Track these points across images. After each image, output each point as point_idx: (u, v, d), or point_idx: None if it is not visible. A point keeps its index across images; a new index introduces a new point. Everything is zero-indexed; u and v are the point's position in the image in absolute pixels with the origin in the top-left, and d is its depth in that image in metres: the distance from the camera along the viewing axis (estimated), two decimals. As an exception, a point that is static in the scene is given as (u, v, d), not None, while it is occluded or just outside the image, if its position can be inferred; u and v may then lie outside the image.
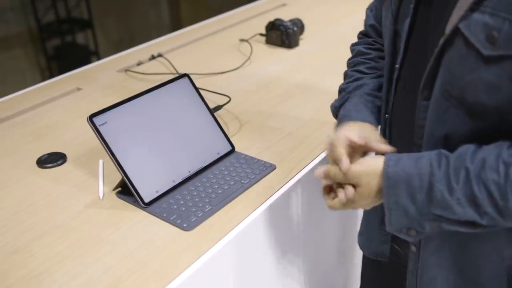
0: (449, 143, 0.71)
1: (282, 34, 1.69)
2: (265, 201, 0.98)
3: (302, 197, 1.07)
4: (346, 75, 1.01)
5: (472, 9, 0.63)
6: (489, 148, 0.66)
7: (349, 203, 0.76)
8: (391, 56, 0.83)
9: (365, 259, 1.11)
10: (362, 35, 1.04)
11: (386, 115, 0.86)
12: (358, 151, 0.79)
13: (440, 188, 0.66)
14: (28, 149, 1.18)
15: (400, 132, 0.84)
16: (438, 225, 0.69)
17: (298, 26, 1.72)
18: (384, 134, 0.88)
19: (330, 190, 0.80)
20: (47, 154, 1.15)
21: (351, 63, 1.01)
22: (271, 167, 1.06)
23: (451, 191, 0.65)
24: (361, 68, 0.97)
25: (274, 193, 1.00)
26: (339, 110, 0.96)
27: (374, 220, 0.97)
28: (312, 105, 1.31)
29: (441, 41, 0.67)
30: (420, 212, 0.68)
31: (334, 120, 1.02)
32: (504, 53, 0.62)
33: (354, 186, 0.74)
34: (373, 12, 1.01)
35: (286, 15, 1.87)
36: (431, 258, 0.80)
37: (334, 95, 1.12)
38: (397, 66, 0.80)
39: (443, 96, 0.69)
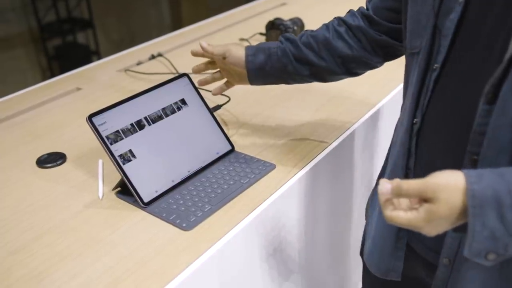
0: None
1: (282, 33, 1.68)
2: (265, 200, 0.97)
3: (301, 197, 1.07)
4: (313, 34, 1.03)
5: None
6: None
7: (419, 222, 0.63)
8: (428, 55, 0.76)
9: (369, 277, 1.03)
10: (360, 12, 1.01)
11: (415, 120, 0.79)
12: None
13: None
14: (28, 149, 1.18)
15: (437, 139, 0.77)
16: None
17: (298, 25, 1.71)
18: (410, 141, 0.81)
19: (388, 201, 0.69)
20: (47, 154, 1.15)
21: (330, 22, 1.04)
22: (271, 167, 1.06)
23: None
24: (320, 31, 1.02)
25: (274, 192, 1.00)
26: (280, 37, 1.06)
27: (388, 234, 0.90)
28: (312, 105, 1.31)
29: None
30: (509, 232, 0.60)
31: (333, 120, 1.02)
32: None
33: (426, 201, 0.63)
34: (371, 3, 0.99)
35: (286, 15, 1.87)
36: (468, 271, 0.74)
37: (335, 95, 1.12)
38: (436, 65, 0.74)
39: None
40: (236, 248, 0.92)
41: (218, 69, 1.12)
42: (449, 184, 0.61)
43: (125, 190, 0.97)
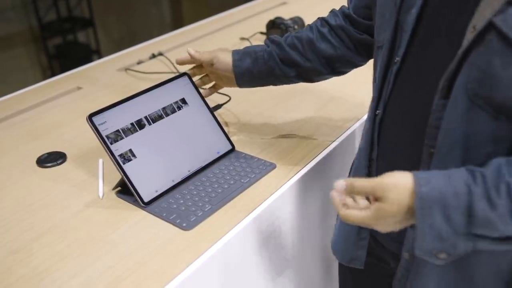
0: (468, 145, 0.67)
1: (283, 32, 1.68)
2: (265, 200, 0.97)
3: (302, 197, 1.07)
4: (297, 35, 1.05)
5: (510, 2, 0.59)
6: None
7: (369, 220, 0.67)
8: (390, 49, 0.78)
9: (342, 268, 1.08)
10: (341, 11, 1.03)
11: (377, 111, 0.81)
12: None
13: (480, 205, 0.61)
14: (28, 149, 1.18)
15: (396, 131, 0.79)
16: (473, 244, 0.64)
17: (298, 24, 1.71)
18: (372, 131, 0.83)
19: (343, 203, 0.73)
20: (47, 153, 1.15)
21: (313, 23, 1.05)
22: (271, 166, 1.06)
23: (493, 208, 0.61)
24: (304, 33, 1.03)
25: (274, 192, 0.99)
26: (266, 40, 1.08)
27: (353, 226, 0.92)
28: (312, 104, 1.31)
29: (471, 36, 0.63)
30: (456, 233, 0.63)
31: (333, 119, 1.02)
32: None
33: (378, 200, 0.67)
34: (352, 3, 1.00)
35: (286, 14, 1.86)
36: (427, 266, 0.76)
37: (335, 95, 1.12)
38: (397, 59, 0.76)
39: (466, 95, 0.65)
40: (237, 247, 0.92)
41: (206, 74, 1.15)
42: (398, 185, 0.65)
43: (126, 189, 0.97)
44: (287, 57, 1.04)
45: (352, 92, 1.35)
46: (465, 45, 0.64)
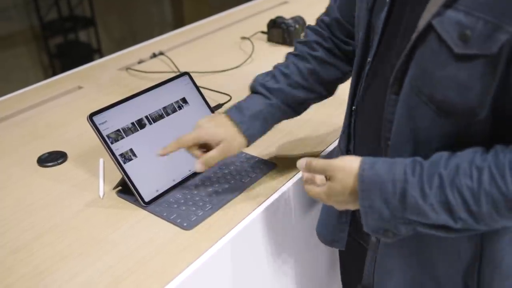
0: (417, 140, 0.71)
1: (284, 31, 1.68)
2: (266, 200, 0.97)
3: (302, 196, 1.07)
4: (286, 58, 1.00)
5: (446, 5, 0.63)
6: (463, 155, 0.66)
7: (323, 195, 0.77)
8: (363, 50, 0.81)
9: (341, 260, 1.13)
10: (324, 24, 0.99)
11: (353, 107, 0.85)
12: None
13: (413, 194, 0.66)
14: (29, 148, 1.18)
15: (367, 125, 0.83)
16: (413, 228, 0.70)
17: (299, 23, 1.71)
18: (349, 125, 0.88)
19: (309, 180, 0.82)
20: (48, 153, 1.15)
21: (298, 51, 0.99)
22: (272, 166, 1.06)
23: (424, 197, 0.66)
24: (301, 66, 0.97)
25: (275, 192, 0.99)
26: (257, 87, 0.97)
27: (333, 208, 0.91)
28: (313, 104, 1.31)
29: (414, 36, 0.66)
30: (394, 216, 0.69)
31: (333, 119, 1.02)
32: (476, 52, 0.61)
33: (329, 179, 0.75)
34: (338, 2, 0.97)
35: (287, 13, 1.86)
36: (391, 249, 0.81)
37: (335, 95, 1.12)
38: (369, 59, 0.79)
39: (413, 92, 0.68)
40: (237, 247, 0.92)
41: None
42: (346, 167, 0.73)
43: (126, 189, 0.97)
44: (293, 100, 0.98)
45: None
46: (409, 45, 0.67)
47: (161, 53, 1.67)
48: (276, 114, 0.97)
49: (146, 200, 0.95)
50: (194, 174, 1.03)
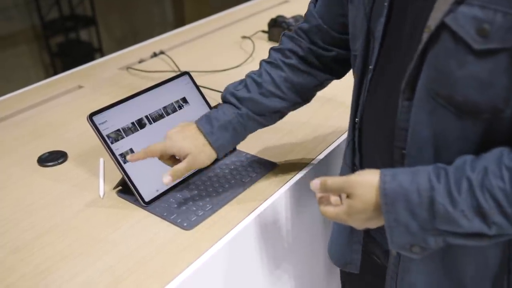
0: (437, 145, 0.68)
1: (284, 31, 1.68)
2: (266, 199, 0.97)
3: (303, 195, 1.07)
4: (260, 66, 0.97)
5: (458, 2, 0.60)
6: (488, 156, 0.63)
7: (343, 215, 0.70)
8: (364, 57, 0.79)
9: (342, 274, 1.08)
10: (302, 31, 0.96)
11: (356, 119, 0.82)
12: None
13: (442, 202, 0.62)
14: (29, 148, 1.18)
15: (373, 136, 0.80)
16: (443, 239, 0.65)
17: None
18: (353, 139, 0.85)
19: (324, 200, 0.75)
20: (48, 152, 1.15)
21: (271, 58, 0.97)
22: (272, 166, 1.06)
23: (454, 204, 0.62)
24: (274, 74, 0.94)
25: (275, 191, 0.99)
26: (227, 96, 0.95)
27: (344, 227, 0.94)
28: (313, 104, 1.30)
29: (425, 37, 0.63)
30: (423, 228, 0.64)
31: (333, 119, 1.01)
32: (498, 46, 0.59)
33: (348, 197, 0.70)
34: (317, 8, 0.93)
35: (288, 12, 1.86)
36: (413, 261, 0.77)
37: (334, 95, 1.11)
38: (371, 67, 0.77)
39: (429, 95, 0.65)
40: (238, 247, 0.92)
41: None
42: (365, 182, 0.67)
43: (126, 189, 0.97)
44: (266, 109, 0.95)
45: (352, 92, 1.35)
46: (420, 46, 0.64)
47: (162, 53, 1.67)
48: (247, 124, 0.94)
49: (146, 200, 0.95)
50: (194, 174, 1.03)
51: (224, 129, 0.92)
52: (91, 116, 0.94)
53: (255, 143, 1.14)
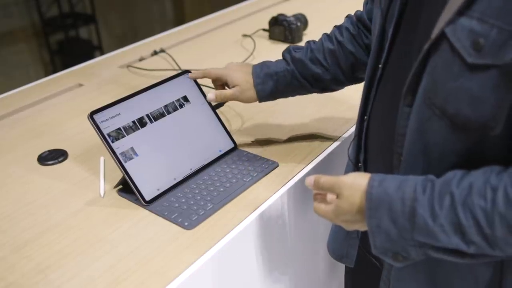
0: (430, 156, 0.67)
1: (285, 29, 1.68)
2: (268, 199, 0.97)
3: (305, 195, 1.07)
4: (322, 36, 1.04)
5: (460, 13, 0.59)
6: (478, 173, 0.62)
7: (330, 214, 0.72)
8: (376, 55, 0.79)
9: (346, 271, 1.09)
10: (355, 16, 1.04)
11: (365, 117, 0.82)
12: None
13: (422, 214, 0.62)
14: (29, 146, 1.17)
15: (379, 137, 0.80)
16: (424, 252, 0.65)
17: (301, 21, 1.70)
18: (360, 137, 0.85)
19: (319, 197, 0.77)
20: (48, 151, 1.14)
21: (331, 32, 1.04)
22: (274, 165, 1.05)
23: (434, 217, 0.61)
24: (325, 45, 1.02)
25: (277, 191, 0.99)
26: (284, 53, 1.05)
27: None
28: (315, 102, 1.30)
29: (426, 45, 0.63)
30: (402, 237, 0.64)
31: (336, 117, 1.00)
32: (489, 62, 0.57)
33: (337, 197, 0.71)
34: (367, 5, 1.00)
35: (289, 10, 1.85)
36: (405, 270, 0.76)
37: (338, 92, 1.11)
38: (380, 66, 0.77)
39: (426, 104, 0.65)
40: (239, 247, 0.91)
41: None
42: (354, 184, 0.68)
43: (127, 188, 0.97)
44: (310, 74, 1.02)
45: (355, 90, 1.34)
46: (421, 54, 0.64)
47: (162, 51, 1.66)
48: (290, 81, 1.02)
49: (147, 199, 0.95)
50: (196, 173, 1.03)
51: (269, 77, 1.02)
52: (92, 115, 0.94)
53: (257, 142, 1.14)
